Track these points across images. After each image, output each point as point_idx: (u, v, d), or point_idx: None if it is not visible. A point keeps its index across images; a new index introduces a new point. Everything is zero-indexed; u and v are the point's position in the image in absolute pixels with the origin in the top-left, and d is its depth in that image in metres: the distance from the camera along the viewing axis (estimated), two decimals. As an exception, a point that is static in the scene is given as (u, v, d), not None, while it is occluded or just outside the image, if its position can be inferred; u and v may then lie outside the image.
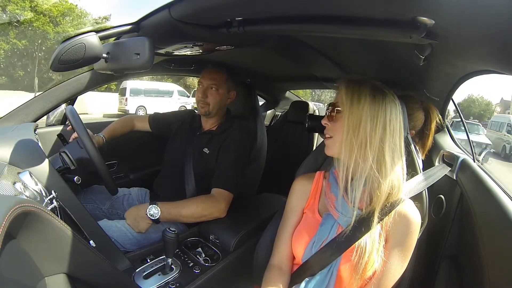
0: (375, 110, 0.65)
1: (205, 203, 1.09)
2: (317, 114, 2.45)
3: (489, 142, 8.18)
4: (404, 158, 0.68)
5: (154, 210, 1.00)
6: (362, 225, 0.65)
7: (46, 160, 0.82)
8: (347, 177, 0.67)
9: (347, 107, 0.67)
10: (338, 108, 0.69)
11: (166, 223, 1.06)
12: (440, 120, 1.15)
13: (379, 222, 0.65)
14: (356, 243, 0.65)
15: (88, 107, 10.88)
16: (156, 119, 1.42)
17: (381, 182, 0.65)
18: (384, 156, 0.65)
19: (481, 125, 10.31)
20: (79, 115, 0.94)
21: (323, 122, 0.73)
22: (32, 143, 0.85)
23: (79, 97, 1.24)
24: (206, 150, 1.24)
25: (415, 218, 0.67)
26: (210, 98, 1.22)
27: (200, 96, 1.23)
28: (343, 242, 0.66)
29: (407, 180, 0.73)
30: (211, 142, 1.25)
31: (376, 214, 0.64)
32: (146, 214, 1.00)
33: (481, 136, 8.56)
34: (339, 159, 0.69)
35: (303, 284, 0.68)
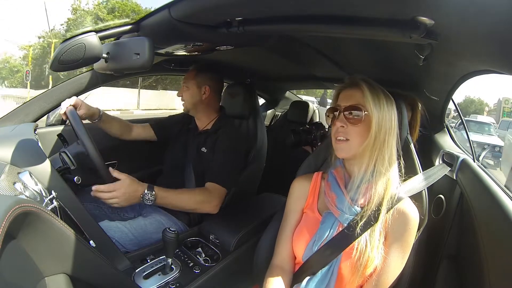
0: (389, 111, 0.67)
1: (199, 198, 1.08)
2: (317, 114, 2.45)
3: (501, 144, 7.09)
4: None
5: (150, 197, 0.98)
6: (363, 222, 0.66)
7: (46, 160, 0.82)
8: (358, 176, 0.68)
9: (373, 109, 0.65)
10: (361, 111, 0.66)
11: (167, 223, 1.10)
12: (424, 111, 1.23)
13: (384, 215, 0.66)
14: (356, 240, 0.65)
15: (175, 104, 11.76)
16: (160, 126, 1.41)
17: (389, 178, 0.67)
18: (393, 154, 0.68)
19: (493, 124, 9.52)
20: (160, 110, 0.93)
21: (339, 124, 0.68)
22: (32, 143, 0.85)
23: (168, 94, 1.25)
24: (203, 149, 1.25)
25: (413, 215, 0.68)
26: (184, 96, 1.28)
27: (180, 96, 1.31)
28: (343, 240, 0.66)
29: (406, 180, 0.73)
30: (207, 141, 1.27)
31: (384, 210, 0.65)
32: (141, 197, 0.97)
33: (493, 138, 7.95)
34: (354, 160, 0.70)
35: (304, 282, 0.68)
